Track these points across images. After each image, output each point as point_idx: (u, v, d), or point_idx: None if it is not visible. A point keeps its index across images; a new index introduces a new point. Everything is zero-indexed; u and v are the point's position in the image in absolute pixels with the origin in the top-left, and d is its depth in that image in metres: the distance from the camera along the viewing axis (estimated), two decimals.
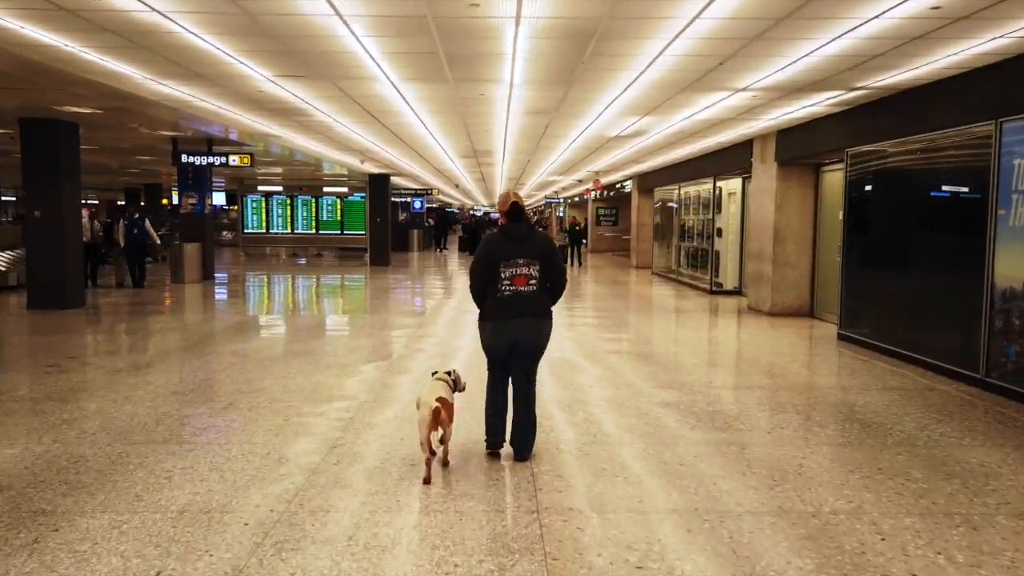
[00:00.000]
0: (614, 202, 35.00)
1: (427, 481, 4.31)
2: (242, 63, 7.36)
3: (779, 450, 5.01)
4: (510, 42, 6.38)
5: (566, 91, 8.66)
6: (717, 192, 16.45)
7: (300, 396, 6.38)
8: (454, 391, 4.73)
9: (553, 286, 4.73)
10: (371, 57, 7.03)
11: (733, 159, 14.53)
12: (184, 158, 14.82)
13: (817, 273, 12.10)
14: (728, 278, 16.30)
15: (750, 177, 15.00)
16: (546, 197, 41.85)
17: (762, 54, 6.68)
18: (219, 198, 40.01)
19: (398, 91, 8.75)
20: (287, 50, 6.77)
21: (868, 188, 9.44)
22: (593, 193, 33.43)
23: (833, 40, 6.18)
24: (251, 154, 14.90)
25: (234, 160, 14.78)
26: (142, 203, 33.75)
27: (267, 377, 7.11)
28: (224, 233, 33.64)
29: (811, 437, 5.45)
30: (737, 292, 15.76)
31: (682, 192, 18.95)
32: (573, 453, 4.89)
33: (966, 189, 7.56)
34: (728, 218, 16.27)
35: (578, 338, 9.79)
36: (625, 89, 8.51)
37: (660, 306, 14.07)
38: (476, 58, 7.02)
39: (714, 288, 16.06)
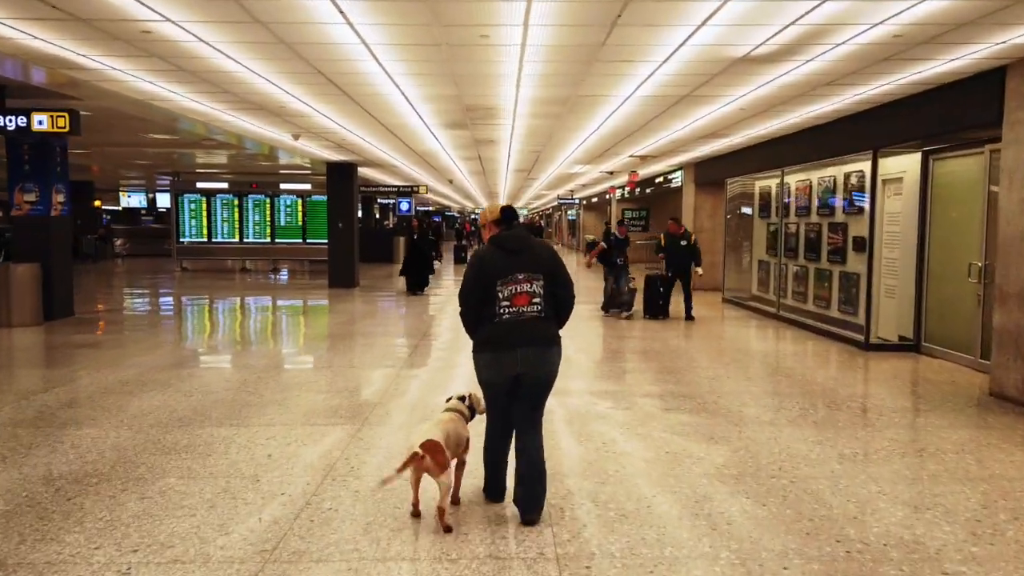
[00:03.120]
0: (644, 202, 28.49)
1: (416, 515, 3.93)
2: None
3: None
4: None
5: None
6: (857, 179, 10.02)
7: None
8: (471, 417, 4.22)
9: (560, 305, 4.00)
10: None
11: (921, 116, 8.12)
12: None
13: None
14: (885, 322, 9.84)
15: (944, 149, 8.61)
16: (559, 197, 35.40)
17: None
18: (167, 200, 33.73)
19: None
20: None
21: None
22: (618, 191, 27.02)
23: None
24: (70, 112, 8.48)
25: (41, 122, 8.37)
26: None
27: None
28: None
29: None
30: (909, 346, 9.31)
31: (785, 182, 12.50)
32: None
33: None
34: (882, 222, 9.83)
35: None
36: None
37: (823, 393, 7.55)
38: None
39: (871, 340, 9.55)
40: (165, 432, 5.54)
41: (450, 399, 4.31)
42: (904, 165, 9.48)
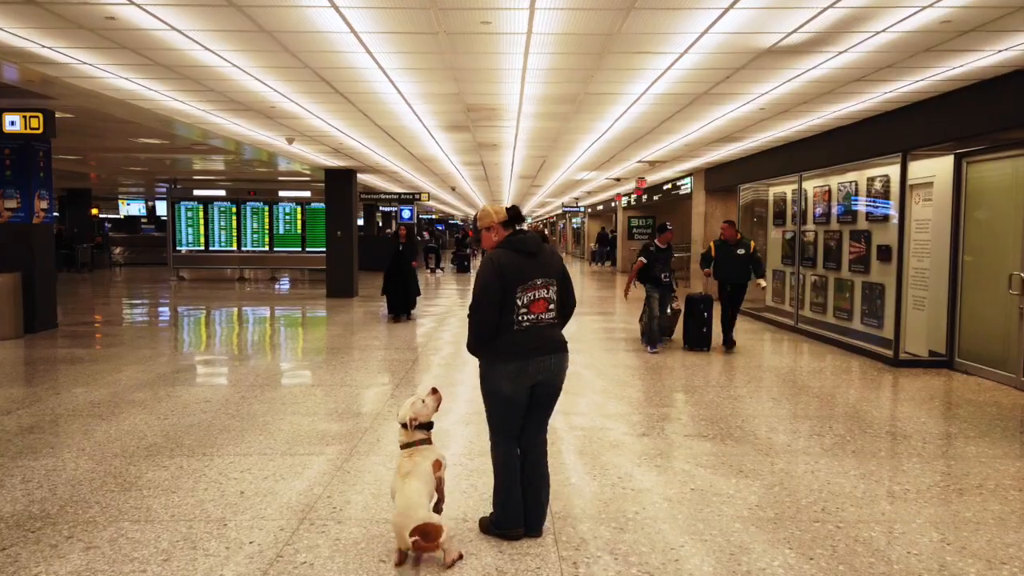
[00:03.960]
0: (650, 210, 27.91)
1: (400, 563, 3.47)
2: None
3: None
4: None
5: None
6: (882, 184, 9.43)
7: None
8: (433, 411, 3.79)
9: (566, 310, 3.88)
10: None
11: (957, 115, 7.54)
12: None
13: None
14: (914, 336, 9.23)
15: (979, 151, 8.02)
16: (563, 205, 34.87)
17: None
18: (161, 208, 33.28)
19: None
20: None
21: None
22: (624, 199, 26.48)
23: None
24: (44, 112, 7.94)
25: (14, 123, 7.84)
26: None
27: None
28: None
29: None
30: (941, 362, 8.69)
31: (803, 188, 11.92)
32: None
33: None
34: (910, 230, 9.23)
35: None
36: None
37: (857, 416, 6.96)
38: None
39: (900, 356, 8.94)
40: (129, 463, 4.96)
41: (404, 437, 3.69)
42: (934, 169, 8.89)
